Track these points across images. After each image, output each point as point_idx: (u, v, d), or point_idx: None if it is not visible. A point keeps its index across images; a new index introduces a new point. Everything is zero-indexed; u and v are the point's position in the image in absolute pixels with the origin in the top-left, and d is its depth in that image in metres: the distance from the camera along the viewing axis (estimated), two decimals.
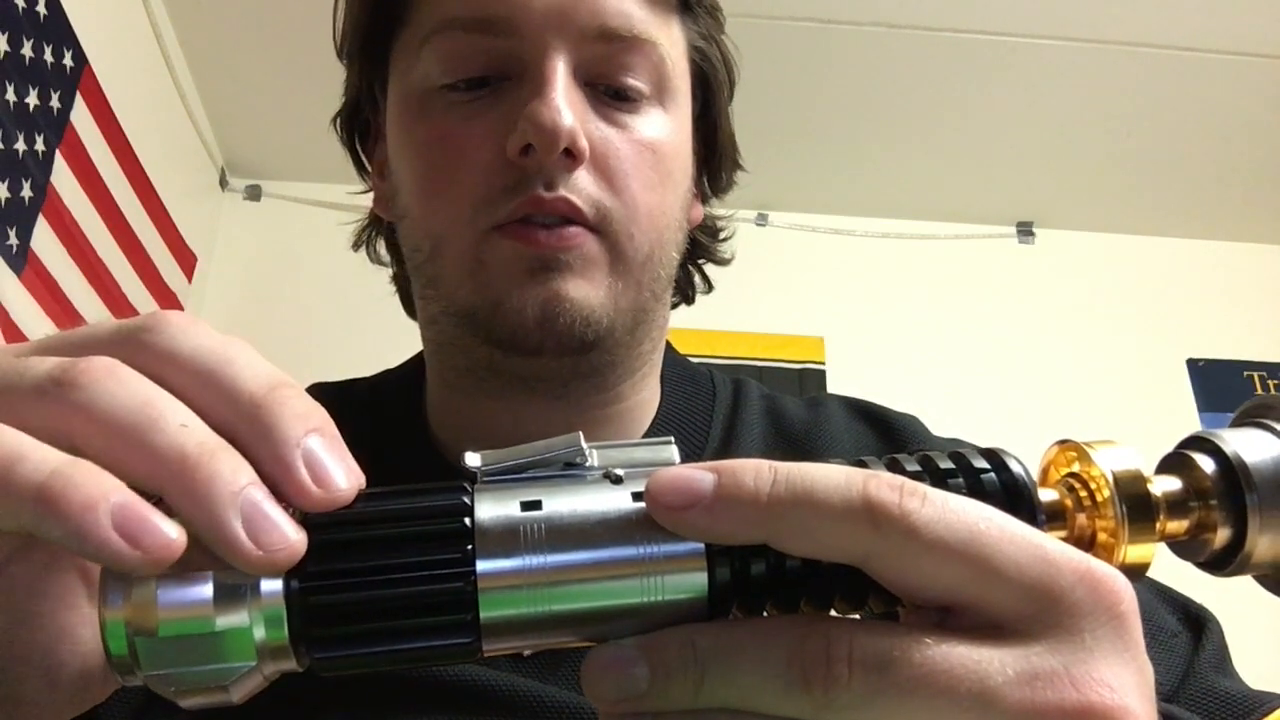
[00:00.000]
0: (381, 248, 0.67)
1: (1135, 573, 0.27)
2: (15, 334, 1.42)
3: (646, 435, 0.58)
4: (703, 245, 0.66)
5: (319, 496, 0.24)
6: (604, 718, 0.25)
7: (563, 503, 0.25)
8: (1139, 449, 0.28)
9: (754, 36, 0.56)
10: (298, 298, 2.15)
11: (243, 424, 0.24)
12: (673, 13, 0.57)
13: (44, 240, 1.50)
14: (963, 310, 2.29)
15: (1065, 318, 2.31)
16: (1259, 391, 2.28)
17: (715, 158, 0.63)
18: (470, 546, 0.24)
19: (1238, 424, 0.30)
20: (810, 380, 2.16)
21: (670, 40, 0.56)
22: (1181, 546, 0.29)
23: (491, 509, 0.25)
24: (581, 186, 0.50)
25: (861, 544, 0.24)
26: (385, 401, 0.60)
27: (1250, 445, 0.28)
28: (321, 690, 0.44)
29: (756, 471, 0.24)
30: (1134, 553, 0.27)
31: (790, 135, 2.06)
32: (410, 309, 0.63)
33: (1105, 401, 2.13)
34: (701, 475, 0.24)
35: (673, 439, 0.27)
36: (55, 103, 1.51)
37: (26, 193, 1.45)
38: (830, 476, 0.24)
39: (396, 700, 0.44)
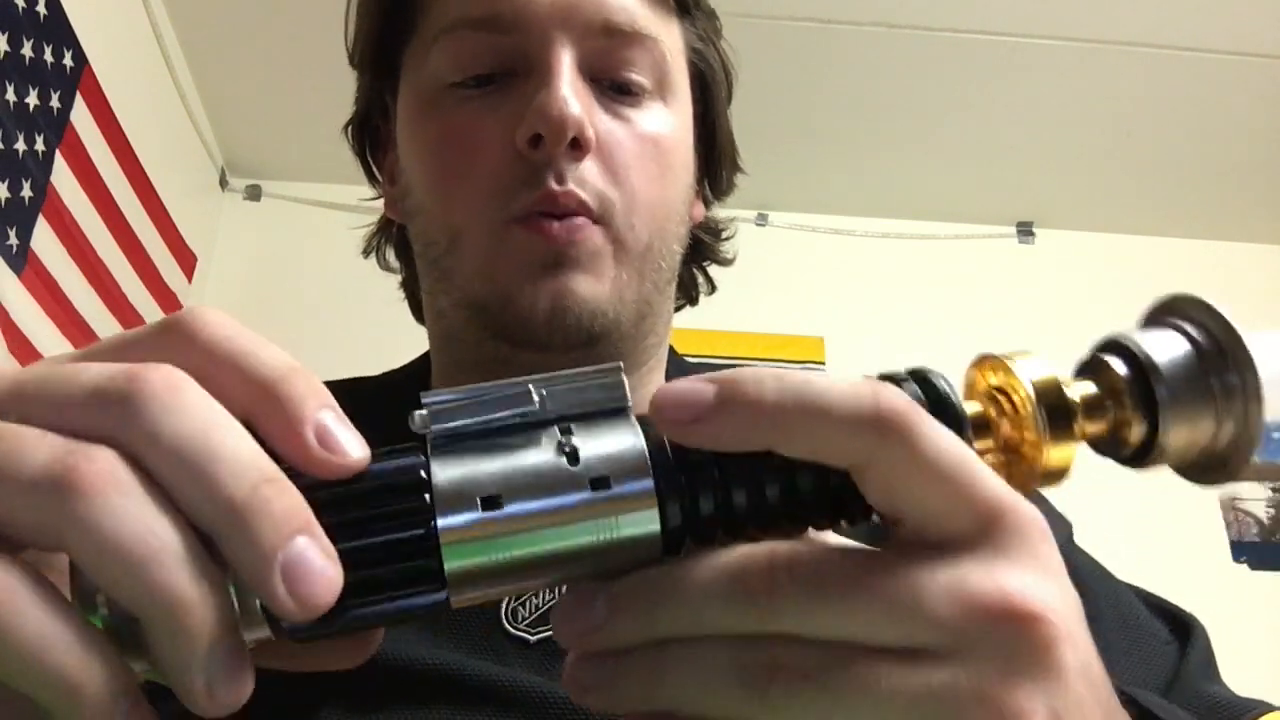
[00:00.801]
0: (391, 254, 0.67)
1: (1057, 475, 0.29)
2: (15, 334, 1.42)
3: None
4: (705, 245, 0.67)
5: (335, 464, 0.25)
6: (570, 662, 0.27)
7: (518, 482, 0.26)
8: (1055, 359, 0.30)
9: (754, 36, 0.56)
10: (298, 298, 2.15)
11: (264, 404, 0.25)
12: (672, 14, 0.58)
13: (44, 240, 1.50)
14: (963, 310, 2.29)
15: (1065, 318, 2.31)
16: None
17: (715, 159, 0.64)
18: (430, 505, 0.25)
19: (1147, 325, 0.31)
20: None
21: (671, 39, 0.57)
22: (1103, 445, 0.31)
23: (447, 475, 0.25)
24: (587, 178, 0.52)
25: (866, 449, 0.25)
26: (391, 398, 0.60)
27: (1159, 345, 0.30)
28: (322, 685, 0.44)
29: (758, 379, 0.25)
30: (1055, 456, 0.29)
31: (790, 135, 2.06)
32: (419, 313, 0.64)
33: None
34: (703, 387, 0.26)
35: (620, 366, 0.28)
36: (55, 103, 1.51)
37: (26, 193, 1.45)
38: (838, 385, 0.25)
39: (398, 694, 0.45)
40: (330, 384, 0.28)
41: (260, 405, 0.25)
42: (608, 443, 0.26)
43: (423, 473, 0.25)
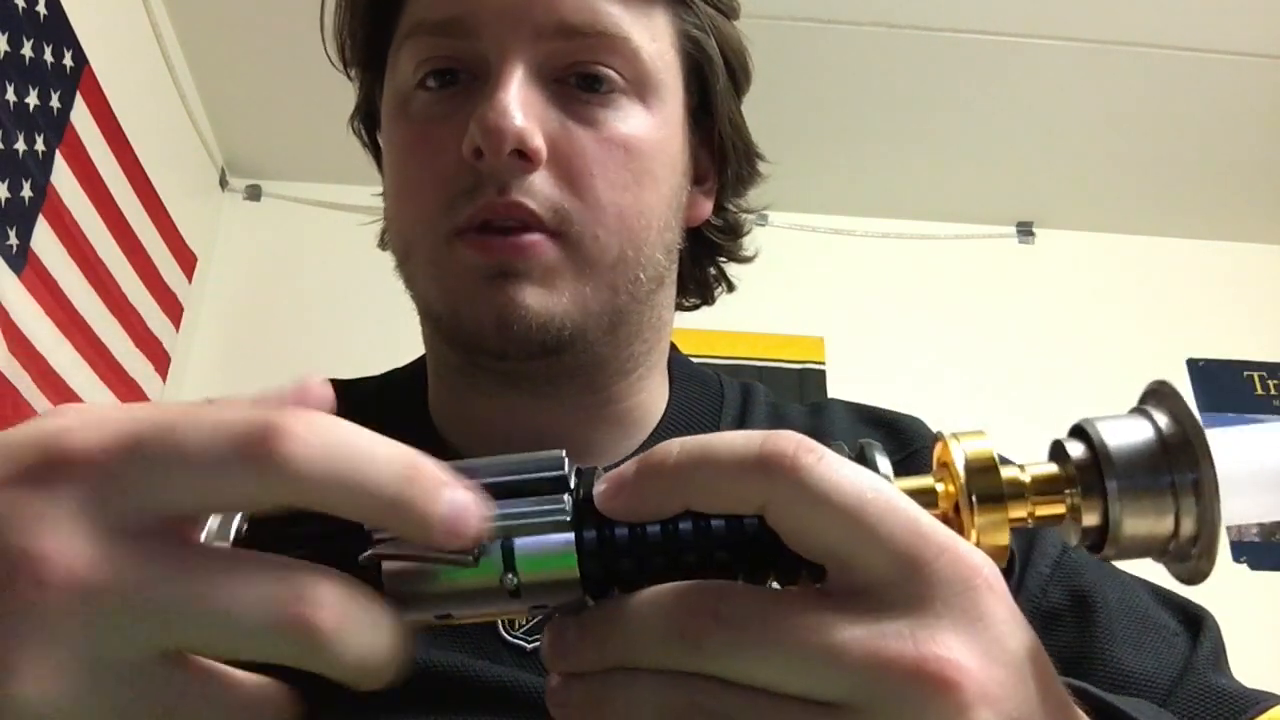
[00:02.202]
0: None
1: (994, 555, 0.28)
2: (15, 334, 1.42)
3: (653, 436, 0.58)
4: (717, 244, 0.64)
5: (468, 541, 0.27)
6: (550, 684, 0.29)
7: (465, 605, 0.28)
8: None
9: (754, 36, 0.56)
10: (298, 298, 2.15)
11: (391, 519, 0.26)
12: (655, 3, 0.55)
13: (44, 240, 1.50)
14: (963, 310, 2.29)
15: (1065, 318, 2.31)
16: (1259, 392, 2.29)
17: (722, 154, 0.61)
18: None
19: (1135, 409, 0.30)
20: (810, 380, 2.16)
21: (650, 33, 0.54)
22: (1063, 530, 0.30)
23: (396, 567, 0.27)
24: (538, 189, 0.50)
25: (758, 493, 0.26)
26: (392, 398, 0.61)
27: (1120, 431, 0.29)
28: (321, 688, 0.44)
29: (665, 447, 0.27)
30: (986, 538, 0.28)
31: (790, 135, 2.06)
32: None
33: (1105, 401, 2.12)
34: (626, 466, 0.28)
35: (563, 454, 0.29)
36: (55, 103, 1.51)
37: (26, 193, 1.45)
38: (732, 437, 0.27)
39: (398, 696, 0.44)
40: (331, 382, 0.28)
41: (387, 522, 0.26)
42: (547, 568, 0.27)
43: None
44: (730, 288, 0.68)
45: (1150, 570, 0.57)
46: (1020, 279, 2.36)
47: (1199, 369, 2.28)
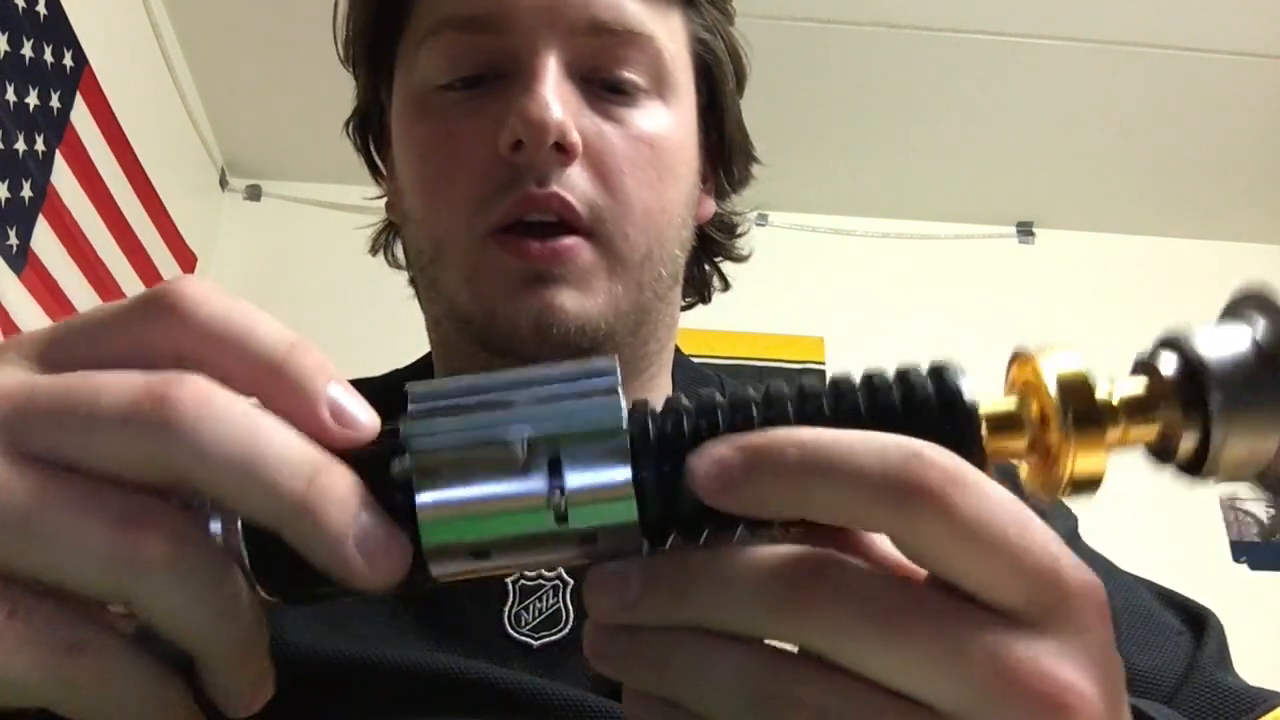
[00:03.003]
0: (399, 250, 0.67)
1: (1087, 485, 0.26)
2: (15, 334, 1.42)
3: None
4: (717, 242, 0.65)
5: (352, 437, 0.25)
6: (592, 629, 0.26)
7: (507, 543, 0.25)
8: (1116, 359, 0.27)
9: (754, 36, 0.56)
10: (298, 298, 2.15)
11: (271, 385, 0.25)
12: (672, 5, 0.56)
13: (44, 240, 1.50)
14: (963, 310, 2.29)
15: (1065, 318, 2.31)
16: None
17: (725, 152, 0.62)
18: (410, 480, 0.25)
19: (1224, 317, 0.27)
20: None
21: (669, 33, 0.55)
22: (1153, 452, 0.27)
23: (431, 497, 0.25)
24: (575, 183, 0.50)
25: (896, 523, 0.24)
26: (395, 399, 0.60)
27: (1219, 342, 0.26)
28: (324, 684, 0.44)
29: (786, 441, 0.24)
30: (1082, 462, 0.25)
31: (790, 135, 2.06)
32: None
33: None
34: (733, 455, 0.24)
35: (616, 363, 0.27)
36: (55, 103, 1.51)
37: (26, 193, 1.45)
38: (865, 445, 0.24)
39: (401, 696, 0.44)
40: None
41: (268, 386, 0.25)
42: (598, 490, 0.25)
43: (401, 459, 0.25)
44: (726, 286, 0.68)
45: (1152, 570, 0.57)
46: (1020, 279, 2.35)
47: None
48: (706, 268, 0.66)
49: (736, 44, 0.62)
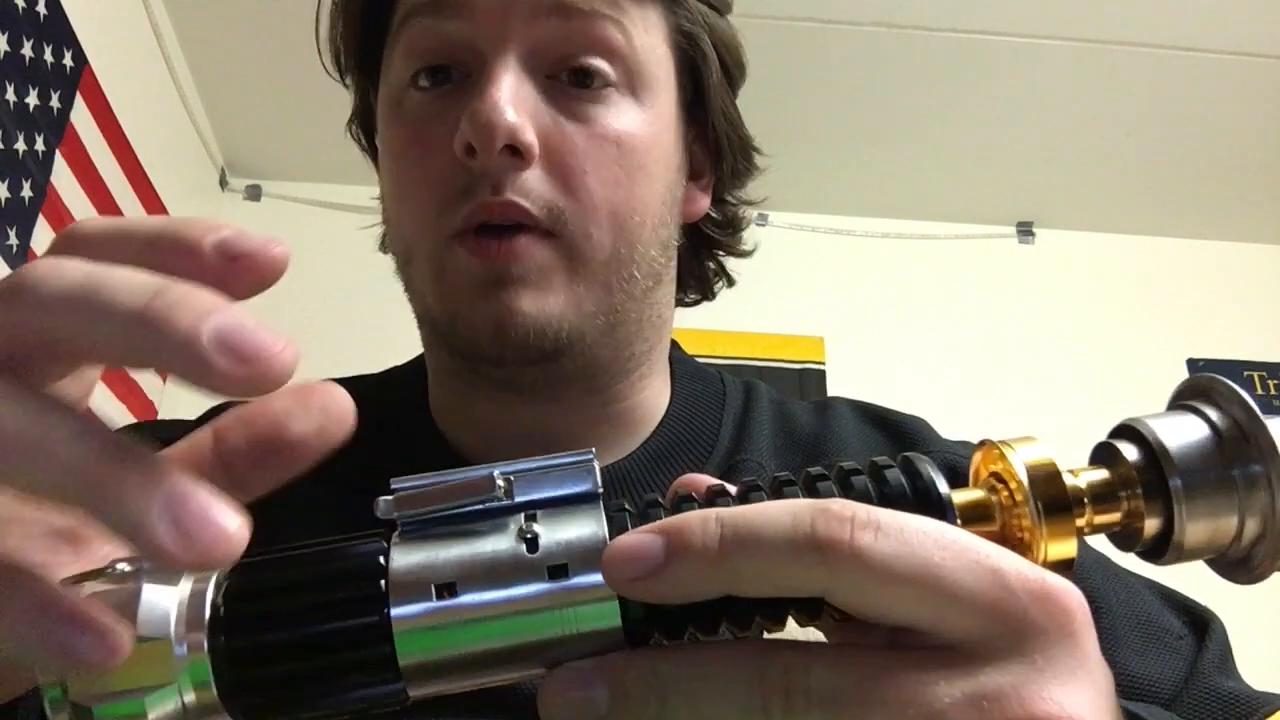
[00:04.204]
0: None
1: (1060, 568, 0.27)
2: None
3: (655, 434, 0.57)
4: (715, 239, 0.64)
5: (242, 373, 0.22)
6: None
7: (476, 570, 0.25)
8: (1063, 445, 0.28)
9: (754, 36, 0.55)
10: (298, 298, 2.14)
11: (143, 342, 0.22)
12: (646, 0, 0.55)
13: (44, 240, 1.50)
14: (963, 310, 2.29)
15: (1065, 318, 2.31)
16: (1259, 392, 2.29)
17: (717, 147, 0.61)
18: (385, 596, 0.24)
19: (1170, 408, 0.29)
20: (810, 380, 2.16)
21: (643, 24, 0.53)
22: (1116, 538, 0.29)
23: (405, 560, 0.25)
24: (531, 187, 0.49)
25: (817, 581, 0.24)
26: (392, 396, 0.60)
27: (1174, 430, 0.27)
28: None
29: (703, 525, 0.24)
30: (1054, 550, 0.26)
31: (790, 135, 2.06)
32: None
33: (1105, 401, 2.13)
34: (651, 541, 0.24)
35: (593, 454, 0.27)
36: (55, 103, 1.51)
37: (26, 193, 1.45)
38: (778, 518, 0.24)
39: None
40: (332, 380, 0.27)
41: (140, 345, 0.22)
42: (570, 530, 0.25)
43: (381, 559, 0.25)
44: (730, 282, 0.68)
45: (1152, 569, 0.57)
46: (1020, 279, 2.36)
47: (1199, 369, 2.27)
48: (709, 264, 0.66)
49: (728, 36, 0.60)
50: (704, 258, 0.65)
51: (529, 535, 0.25)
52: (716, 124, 0.60)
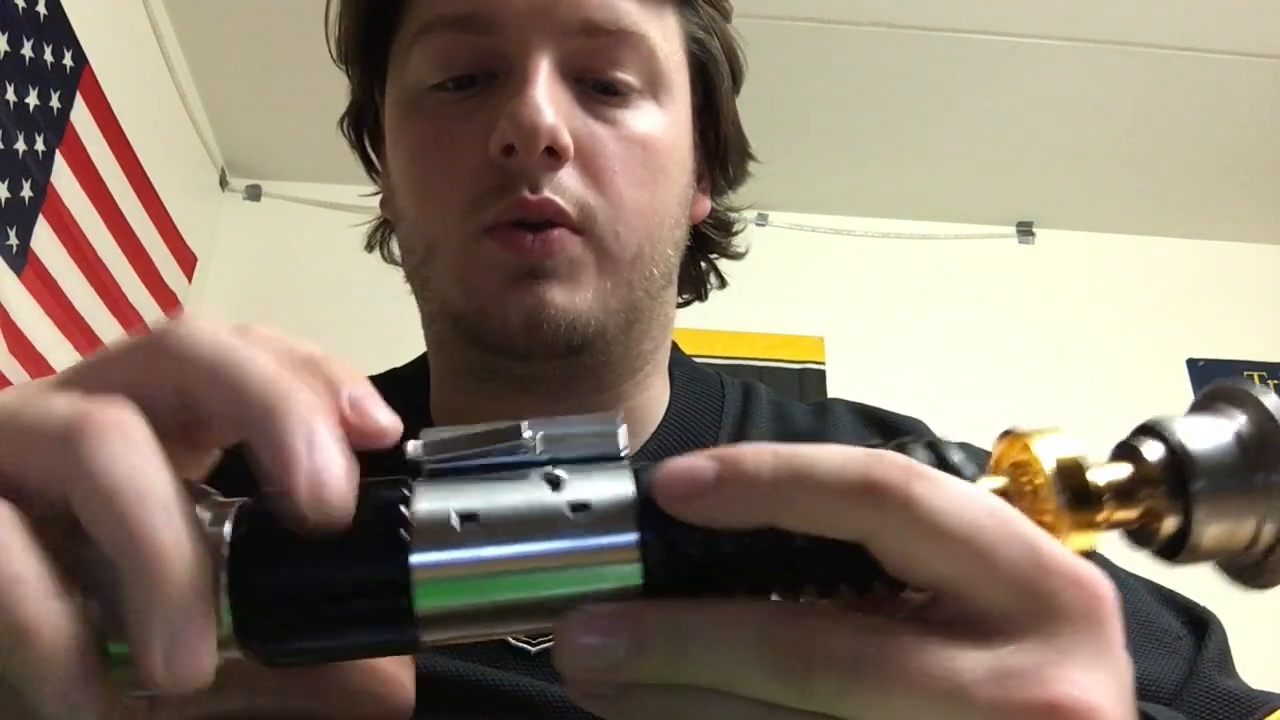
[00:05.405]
0: (395, 245, 0.67)
1: None
2: (15, 334, 1.42)
3: (654, 436, 0.58)
4: (712, 240, 0.65)
5: (371, 430, 0.26)
6: (571, 688, 0.25)
7: (499, 504, 0.25)
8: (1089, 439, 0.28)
9: (754, 36, 0.55)
10: (298, 298, 2.15)
11: (252, 428, 0.24)
12: (666, 4, 0.56)
13: (44, 240, 1.50)
14: (963, 310, 2.29)
15: (1065, 318, 2.31)
16: None
17: (721, 150, 0.62)
18: (406, 541, 0.24)
19: (1196, 410, 0.29)
20: (810, 380, 2.16)
21: (663, 33, 0.55)
22: (1132, 535, 0.29)
23: (429, 505, 0.25)
24: (566, 186, 0.50)
25: (864, 522, 0.24)
26: (393, 398, 0.60)
27: (1197, 432, 0.28)
28: None
29: (756, 455, 0.24)
30: (1075, 541, 0.26)
31: (790, 135, 2.06)
32: None
33: (1105, 401, 2.13)
34: (704, 464, 0.24)
35: (620, 417, 0.27)
36: (55, 103, 1.51)
37: (26, 193, 1.45)
38: (832, 456, 0.24)
39: None
40: None
41: (252, 431, 0.24)
42: (597, 480, 0.25)
43: (403, 507, 0.25)
44: (723, 284, 0.69)
45: (1152, 569, 0.57)
46: (1020, 279, 2.36)
47: (1199, 369, 2.27)
48: (703, 265, 0.67)
49: (732, 42, 0.62)
50: (699, 259, 0.66)
51: (554, 478, 0.25)
52: (725, 129, 0.61)
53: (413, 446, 0.26)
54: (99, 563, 0.23)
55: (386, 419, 0.26)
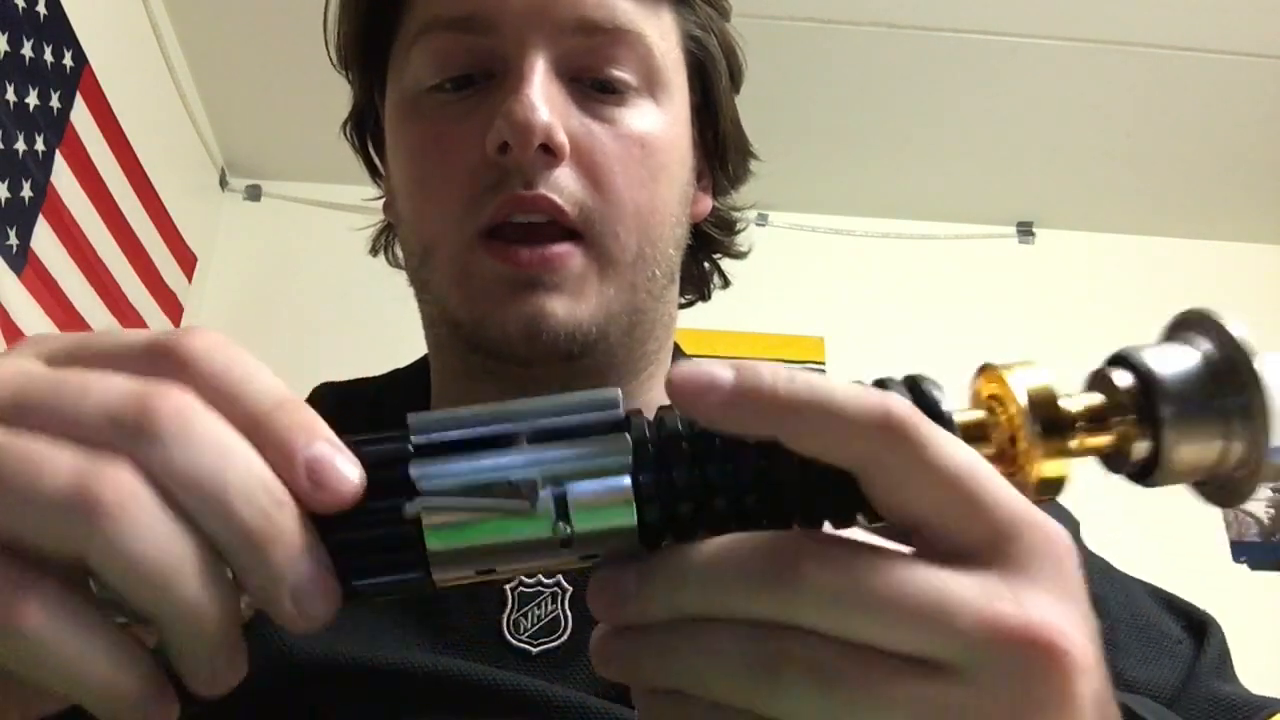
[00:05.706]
0: (399, 249, 0.67)
1: (1052, 487, 0.28)
2: (15, 334, 1.42)
3: None
4: (715, 239, 0.65)
5: (325, 500, 0.25)
6: (597, 633, 0.27)
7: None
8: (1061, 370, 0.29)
9: (754, 36, 0.56)
10: (298, 298, 2.15)
11: (255, 437, 0.25)
12: (663, 2, 0.56)
13: (44, 240, 1.50)
14: (963, 310, 2.29)
15: (1065, 318, 2.31)
16: None
17: (721, 149, 0.62)
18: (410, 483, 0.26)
19: (1166, 338, 0.31)
20: None
21: (660, 31, 0.55)
22: (1106, 460, 0.30)
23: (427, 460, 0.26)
24: (563, 185, 0.50)
25: (871, 450, 0.25)
26: (393, 400, 0.60)
27: (1167, 359, 0.29)
28: (324, 686, 0.44)
29: (775, 370, 0.26)
30: (1048, 467, 0.28)
31: (790, 135, 2.06)
32: None
33: None
34: (723, 370, 0.26)
35: (619, 392, 0.27)
36: (55, 103, 1.51)
37: (26, 193, 1.45)
38: (849, 386, 0.26)
39: (400, 698, 0.44)
40: (334, 384, 0.28)
41: (253, 437, 0.25)
42: (592, 486, 0.26)
43: (408, 463, 0.26)
44: (726, 283, 0.68)
45: (1152, 570, 0.57)
46: (1020, 279, 2.35)
47: None
48: (705, 265, 0.66)
49: (731, 41, 0.62)
50: (701, 259, 0.65)
51: (564, 537, 0.26)
52: (724, 127, 0.61)
53: (410, 506, 0.26)
54: None
55: (345, 478, 0.25)
